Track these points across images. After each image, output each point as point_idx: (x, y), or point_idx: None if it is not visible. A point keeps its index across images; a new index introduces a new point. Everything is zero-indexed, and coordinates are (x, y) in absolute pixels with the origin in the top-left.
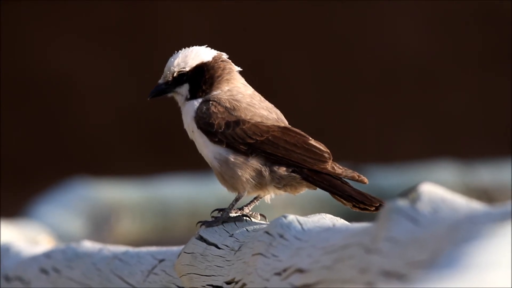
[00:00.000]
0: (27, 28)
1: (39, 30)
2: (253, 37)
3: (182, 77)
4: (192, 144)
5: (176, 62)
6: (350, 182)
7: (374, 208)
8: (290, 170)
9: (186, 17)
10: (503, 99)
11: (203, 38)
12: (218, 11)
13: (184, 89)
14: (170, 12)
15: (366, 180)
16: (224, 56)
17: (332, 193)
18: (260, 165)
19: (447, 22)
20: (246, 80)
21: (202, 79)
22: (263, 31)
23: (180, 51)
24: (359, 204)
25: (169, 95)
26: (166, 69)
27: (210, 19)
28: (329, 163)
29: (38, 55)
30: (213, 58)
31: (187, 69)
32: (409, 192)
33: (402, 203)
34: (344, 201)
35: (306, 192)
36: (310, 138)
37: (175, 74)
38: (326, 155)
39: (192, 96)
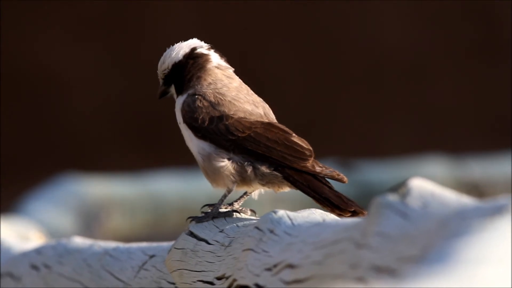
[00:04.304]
0: (12, 22)
1: (26, 24)
2: (240, 31)
3: (168, 78)
4: (182, 139)
5: (160, 63)
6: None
7: (349, 213)
8: (272, 168)
9: (172, 9)
10: (494, 91)
11: (189, 30)
12: (205, 4)
13: (173, 88)
14: (156, 4)
15: (345, 179)
16: (201, 49)
17: (310, 195)
18: (242, 162)
19: (435, 14)
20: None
21: (180, 77)
22: (250, 25)
23: (166, 50)
24: (335, 209)
25: (168, 95)
26: (158, 71)
27: (196, 11)
28: (310, 161)
29: (25, 50)
30: (183, 56)
31: (167, 70)
32: (399, 187)
33: (392, 198)
34: (322, 205)
35: None
36: (294, 134)
37: (162, 76)
38: (307, 152)
39: (179, 93)
